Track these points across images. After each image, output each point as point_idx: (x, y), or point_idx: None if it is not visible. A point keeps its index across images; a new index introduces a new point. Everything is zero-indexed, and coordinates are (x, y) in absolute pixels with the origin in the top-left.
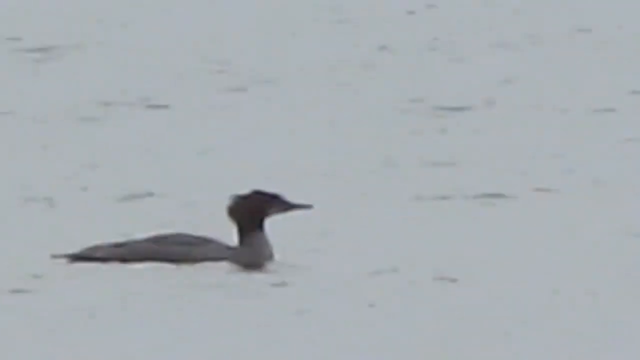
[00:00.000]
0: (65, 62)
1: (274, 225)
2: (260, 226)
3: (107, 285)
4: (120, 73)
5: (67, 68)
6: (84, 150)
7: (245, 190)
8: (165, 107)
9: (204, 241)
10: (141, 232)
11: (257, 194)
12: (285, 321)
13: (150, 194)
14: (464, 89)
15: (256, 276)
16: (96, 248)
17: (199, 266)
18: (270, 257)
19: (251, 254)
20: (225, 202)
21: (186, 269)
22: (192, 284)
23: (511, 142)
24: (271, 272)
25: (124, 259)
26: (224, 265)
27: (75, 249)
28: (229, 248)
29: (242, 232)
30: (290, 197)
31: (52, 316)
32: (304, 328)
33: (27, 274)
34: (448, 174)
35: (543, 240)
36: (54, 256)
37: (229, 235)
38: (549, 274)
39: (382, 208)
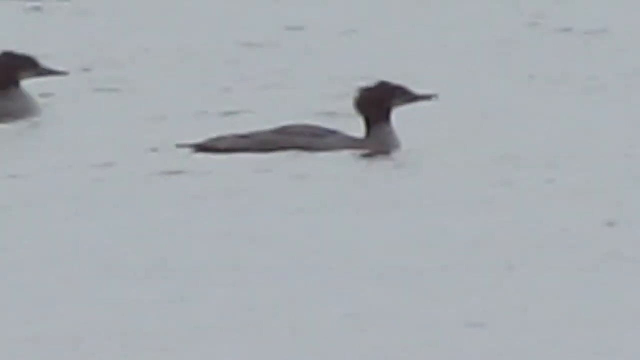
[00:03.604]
0: None
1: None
2: (386, 117)
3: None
4: None
5: None
6: None
7: (370, 82)
8: None
9: (329, 132)
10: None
11: (382, 85)
12: (410, 207)
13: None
14: None
15: (383, 164)
16: (220, 138)
17: (324, 156)
18: (397, 147)
19: (378, 144)
20: (351, 93)
21: (312, 158)
22: (316, 173)
23: None
24: (398, 161)
25: (248, 150)
26: (351, 155)
27: (200, 138)
28: (355, 139)
29: (369, 124)
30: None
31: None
32: (428, 214)
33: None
34: None
35: None
36: (179, 145)
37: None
38: None
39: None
